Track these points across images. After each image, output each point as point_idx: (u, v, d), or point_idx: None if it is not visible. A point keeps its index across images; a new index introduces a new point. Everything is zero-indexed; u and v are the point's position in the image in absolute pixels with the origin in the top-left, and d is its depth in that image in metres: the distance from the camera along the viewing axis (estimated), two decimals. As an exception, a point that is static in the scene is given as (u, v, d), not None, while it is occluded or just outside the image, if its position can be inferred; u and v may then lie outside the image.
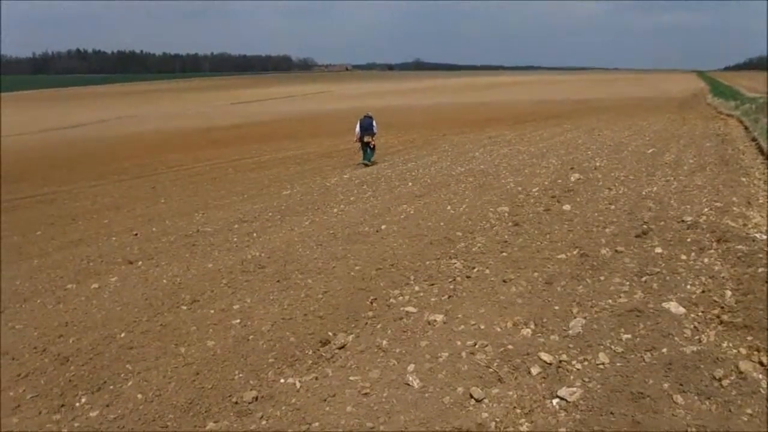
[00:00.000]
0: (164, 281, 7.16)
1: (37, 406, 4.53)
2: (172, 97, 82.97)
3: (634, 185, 10.84)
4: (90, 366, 5.09)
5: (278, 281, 6.79)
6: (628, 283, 5.83)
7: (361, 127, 17.32)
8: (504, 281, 6.17)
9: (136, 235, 9.98)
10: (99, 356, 5.25)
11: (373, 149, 17.62)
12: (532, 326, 5.07)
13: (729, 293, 5.30)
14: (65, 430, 4.12)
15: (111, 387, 4.72)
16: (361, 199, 11.66)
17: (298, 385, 4.51)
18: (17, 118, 51.42)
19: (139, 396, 4.47)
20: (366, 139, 17.33)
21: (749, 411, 3.66)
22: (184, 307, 6.24)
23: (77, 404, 4.51)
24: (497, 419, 3.84)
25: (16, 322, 6.31)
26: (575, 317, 5.14)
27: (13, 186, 16.71)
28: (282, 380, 4.61)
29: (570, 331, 4.88)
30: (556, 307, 5.39)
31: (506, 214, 9.09)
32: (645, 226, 7.64)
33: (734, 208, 8.34)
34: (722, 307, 5.05)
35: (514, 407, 3.97)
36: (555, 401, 3.98)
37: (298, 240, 8.54)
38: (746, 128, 19.99)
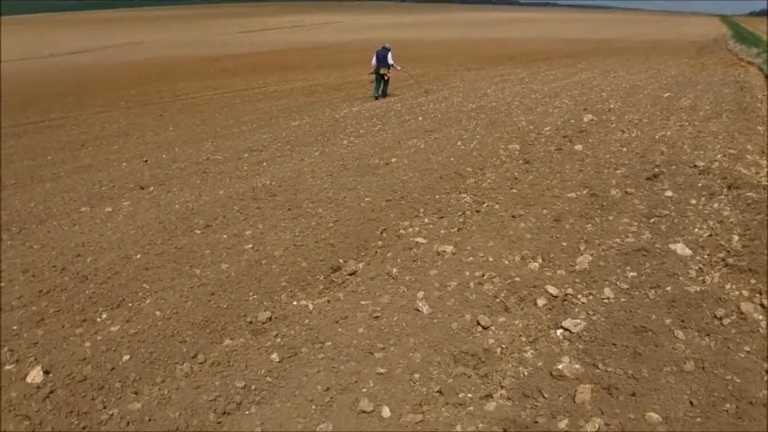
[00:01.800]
0: (176, 206, 7.25)
1: (60, 320, 4.68)
2: (179, 25, 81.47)
3: (647, 128, 10.76)
4: (108, 285, 5.23)
5: (289, 209, 6.88)
6: (636, 223, 5.90)
7: (376, 58, 17.05)
8: (513, 216, 6.25)
9: (147, 161, 10.02)
10: (117, 275, 5.39)
11: (387, 83, 17.43)
12: (540, 260, 5.18)
13: (736, 238, 5.38)
14: (88, 343, 4.27)
15: (130, 304, 4.87)
16: (371, 132, 11.64)
17: (310, 307, 4.65)
18: (20, 43, 50.69)
19: (158, 313, 4.62)
20: (381, 71, 17.10)
21: (747, 348, 3.79)
22: (198, 232, 6.36)
23: (98, 319, 4.66)
24: (503, 345, 3.99)
25: (33, 242, 6.43)
26: (582, 254, 5.23)
27: (20, 111, 16.65)
28: (295, 302, 4.76)
29: (577, 267, 4.99)
30: (564, 244, 5.48)
31: (517, 152, 9.09)
32: (656, 170, 7.65)
33: (748, 156, 8.31)
34: (728, 251, 5.14)
35: (520, 335, 4.11)
36: (559, 332, 4.12)
37: (308, 170, 8.59)
38: (767, 77, 19.59)
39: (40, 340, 4.39)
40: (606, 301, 4.44)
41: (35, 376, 3.85)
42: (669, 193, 6.73)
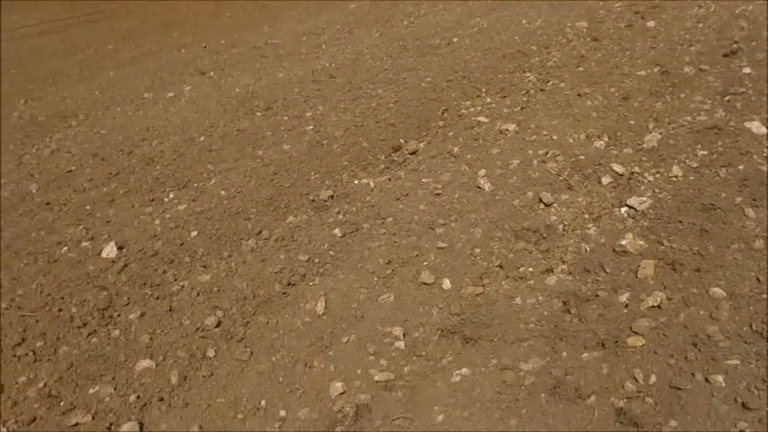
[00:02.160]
0: (237, 90, 7.29)
1: (130, 201, 4.90)
2: None
3: (726, 3, 9.92)
4: (174, 166, 5.41)
5: (349, 90, 6.81)
6: (709, 101, 5.59)
7: None
8: (579, 95, 6.00)
9: (205, 47, 10.03)
10: (181, 157, 5.56)
11: None
12: (606, 139, 5.00)
13: (818, 116, 5.06)
14: (157, 221, 4.47)
15: (195, 185, 5.03)
16: (432, 11, 11.18)
17: (372, 185, 4.69)
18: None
19: (222, 192, 4.76)
20: None
21: (821, 228, 3.64)
22: (259, 114, 6.40)
23: (166, 199, 4.85)
24: (565, 222, 3.96)
25: (99, 127, 6.65)
26: (651, 132, 5.03)
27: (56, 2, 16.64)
28: (356, 181, 4.80)
29: (644, 145, 4.81)
30: (632, 122, 5.27)
31: (585, 30, 8.60)
32: (734, 46, 7.12)
33: (838, 30, 7.63)
34: (809, 129, 4.84)
35: (583, 212, 4.06)
36: (623, 209, 4.04)
37: (368, 52, 8.40)
38: None
39: (112, 219, 4.62)
40: (674, 179, 4.30)
41: (109, 251, 4.09)
42: (747, 70, 6.30)
